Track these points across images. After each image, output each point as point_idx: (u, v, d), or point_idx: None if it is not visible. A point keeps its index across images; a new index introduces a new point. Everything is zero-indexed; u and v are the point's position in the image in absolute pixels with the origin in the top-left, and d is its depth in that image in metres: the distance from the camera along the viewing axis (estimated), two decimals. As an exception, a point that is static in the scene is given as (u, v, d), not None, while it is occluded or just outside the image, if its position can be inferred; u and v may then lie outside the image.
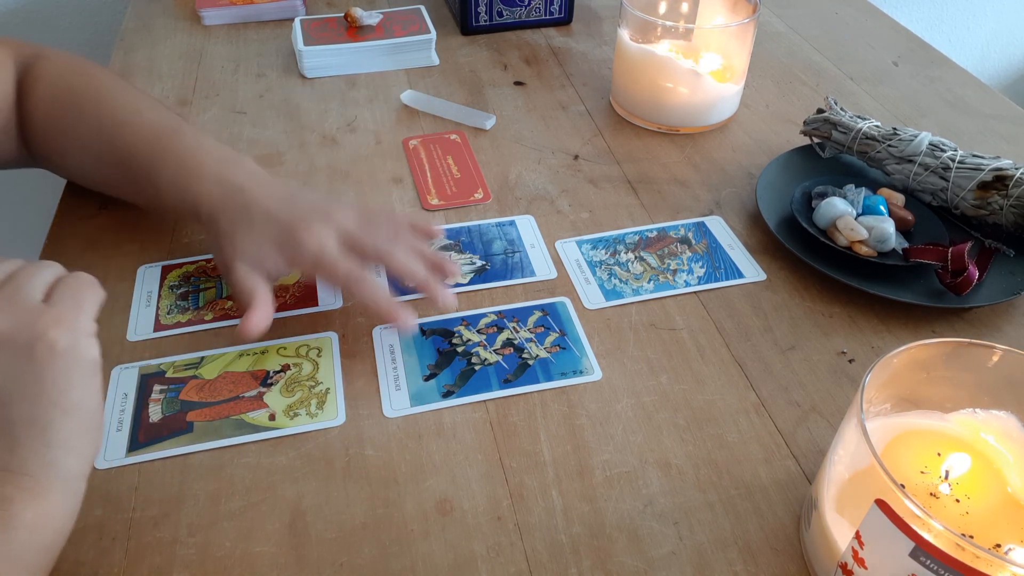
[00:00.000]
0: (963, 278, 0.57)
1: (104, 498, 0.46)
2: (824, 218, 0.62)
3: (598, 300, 0.59)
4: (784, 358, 0.55)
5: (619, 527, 0.45)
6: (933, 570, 0.34)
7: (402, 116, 0.79)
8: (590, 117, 0.80)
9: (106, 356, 0.54)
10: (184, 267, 0.61)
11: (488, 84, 0.85)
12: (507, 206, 0.68)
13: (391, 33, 0.87)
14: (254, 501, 0.46)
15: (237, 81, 0.84)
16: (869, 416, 0.42)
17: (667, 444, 0.49)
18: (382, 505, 0.46)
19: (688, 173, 0.72)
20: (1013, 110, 0.82)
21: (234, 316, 0.57)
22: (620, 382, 0.53)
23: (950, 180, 0.63)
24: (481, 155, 0.74)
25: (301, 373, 0.53)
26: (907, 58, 0.91)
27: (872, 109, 0.82)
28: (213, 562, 0.43)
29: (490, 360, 0.54)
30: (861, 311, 0.58)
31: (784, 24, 0.98)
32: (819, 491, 0.41)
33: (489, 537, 0.44)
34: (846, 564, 0.38)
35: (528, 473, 0.48)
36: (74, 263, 0.61)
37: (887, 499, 0.35)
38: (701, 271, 0.62)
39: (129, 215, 0.66)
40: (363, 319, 0.57)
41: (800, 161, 0.70)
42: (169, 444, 0.49)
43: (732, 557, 0.44)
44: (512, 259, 0.62)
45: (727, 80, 0.76)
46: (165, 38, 0.91)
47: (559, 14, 0.95)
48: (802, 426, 0.51)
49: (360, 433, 0.50)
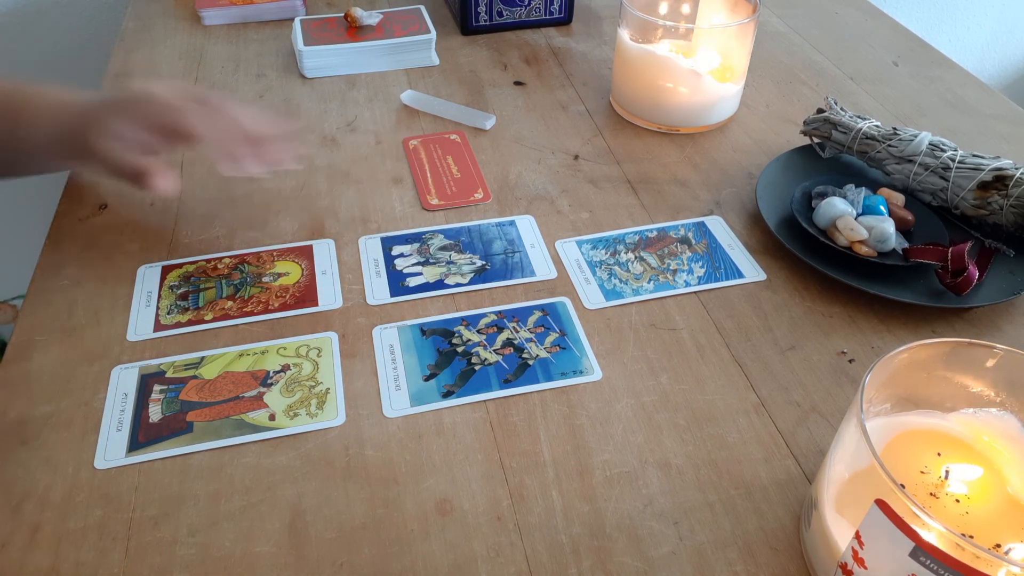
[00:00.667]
0: (963, 278, 0.57)
1: (104, 498, 0.46)
2: (824, 218, 0.62)
3: (598, 300, 0.59)
4: (784, 358, 0.55)
5: (619, 527, 0.45)
6: (933, 570, 0.34)
7: (402, 116, 0.79)
8: (590, 117, 0.80)
9: (106, 356, 0.54)
10: (184, 267, 0.61)
11: (488, 84, 0.85)
12: (507, 206, 0.68)
13: (391, 33, 0.87)
14: (254, 501, 0.46)
15: (237, 81, 0.84)
16: (869, 416, 0.42)
17: (667, 444, 0.49)
18: (382, 505, 0.46)
19: (688, 173, 0.72)
20: (1013, 110, 0.82)
21: (234, 316, 0.57)
22: (620, 382, 0.53)
23: (950, 180, 0.63)
24: (481, 155, 0.74)
25: (301, 373, 0.53)
26: (907, 58, 0.91)
27: (872, 109, 0.82)
28: (213, 562, 0.43)
29: (490, 360, 0.54)
30: (861, 311, 0.58)
31: (784, 24, 0.98)
32: (819, 491, 0.41)
33: (489, 537, 0.44)
34: (846, 564, 0.38)
35: (528, 473, 0.48)
36: (74, 263, 0.61)
37: (887, 499, 0.35)
38: (701, 271, 0.62)
39: (129, 215, 0.66)
40: (363, 319, 0.57)
41: (800, 161, 0.70)
42: (169, 444, 0.49)
43: (732, 557, 0.44)
44: (512, 259, 0.62)
45: (727, 80, 0.76)
46: (165, 38, 0.91)
47: (559, 14, 0.95)
48: (802, 426, 0.51)
49: (360, 433, 0.50)
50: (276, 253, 0.63)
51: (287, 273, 0.61)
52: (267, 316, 0.57)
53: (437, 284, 0.60)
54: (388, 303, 0.59)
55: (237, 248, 0.63)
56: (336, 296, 0.59)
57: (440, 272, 0.61)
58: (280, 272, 0.61)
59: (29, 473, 0.47)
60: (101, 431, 0.49)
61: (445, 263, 0.62)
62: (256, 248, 0.63)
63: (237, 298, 0.59)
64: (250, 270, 0.61)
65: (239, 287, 0.59)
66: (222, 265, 0.61)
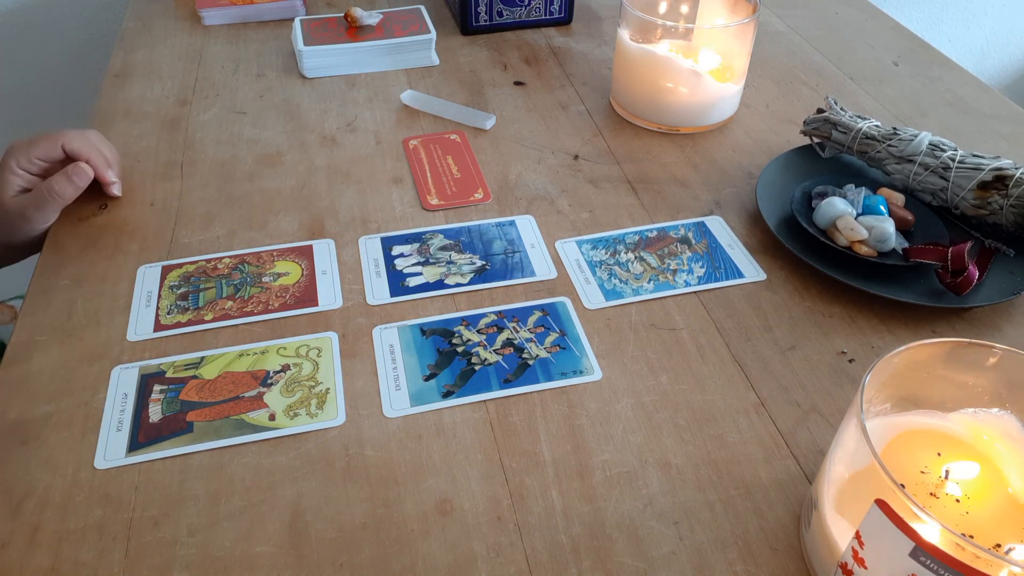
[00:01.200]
0: (963, 278, 0.57)
1: (104, 498, 0.46)
2: (824, 218, 0.62)
3: (598, 300, 0.59)
4: (784, 358, 0.55)
5: (619, 527, 0.45)
6: (933, 570, 0.34)
7: (402, 116, 0.79)
8: (590, 117, 0.80)
9: (106, 356, 0.54)
10: (184, 267, 0.61)
11: (488, 84, 0.85)
12: (507, 206, 0.68)
13: (391, 33, 0.87)
14: (254, 501, 0.46)
15: (237, 81, 0.84)
16: (869, 416, 0.42)
17: (667, 444, 0.49)
18: (382, 505, 0.46)
19: (688, 173, 0.72)
20: (1013, 110, 0.82)
21: (234, 316, 0.57)
22: (620, 382, 0.53)
23: (950, 180, 0.63)
24: (481, 155, 0.74)
25: (301, 373, 0.53)
26: (907, 58, 0.91)
27: (872, 109, 0.82)
28: (213, 562, 0.43)
29: (490, 360, 0.54)
30: (861, 311, 0.58)
31: (784, 24, 0.98)
32: (819, 491, 0.41)
33: (489, 537, 0.44)
34: (846, 564, 0.38)
35: (528, 473, 0.48)
36: (74, 263, 0.61)
37: (887, 499, 0.35)
38: (701, 271, 0.62)
39: (129, 215, 0.66)
40: (363, 319, 0.57)
41: (800, 161, 0.70)
42: (169, 444, 0.49)
43: (732, 557, 0.44)
44: (512, 259, 0.62)
45: (727, 80, 0.76)
46: (165, 38, 0.91)
47: (559, 14, 0.95)
48: (802, 426, 0.51)
49: (360, 433, 0.50)
50: (276, 253, 0.63)
51: (287, 273, 0.61)
52: (267, 316, 0.57)
53: (437, 284, 0.60)
54: (388, 303, 0.59)
55: (237, 248, 0.63)
56: (336, 296, 0.59)
57: (440, 272, 0.61)
58: (280, 272, 0.61)
59: (29, 473, 0.47)
60: (101, 431, 0.49)
61: (445, 263, 0.62)
62: (256, 248, 0.63)
63: (237, 298, 0.59)
64: (250, 270, 0.61)
65: (239, 287, 0.59)
66: (222, 265, 0.61)
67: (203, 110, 0.79)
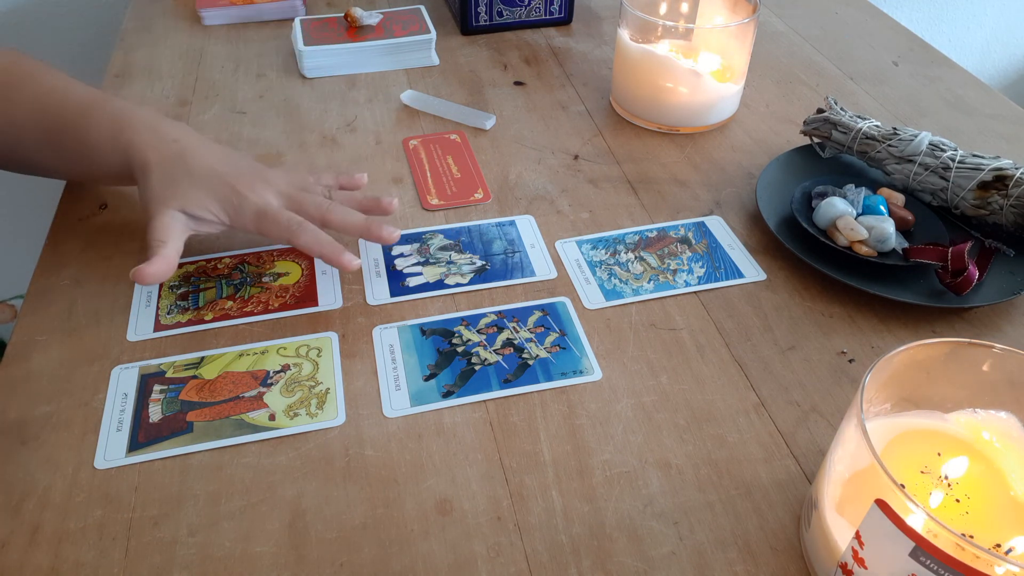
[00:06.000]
0: (963, 278, 0.57)
1: (104, 498, 0.46)
2: (824, 218, 0.62)
3: (598, 300, 0.59)
4: (784, 358, 0.55)
5: (619, 527, 0.45)
6: (933, 570, 0.34)
7: (402, 116, 0.79)
8: (590, 117, 0.80)
9: (106, 356, 0.54)
10: (184, 267, 0.61)
11: (488, 84, 0.85)
12: (507, 206, 0.68)
13: (391, 33, 0.87)
14: (254, 501, 0.46)
15: (237, 81, 0.84)
16: (869, 416, 0.42)
17: (667, 444, 0.49)
18: (382, 505, 0.46)
19: (688, 173, 0.72)
20: (1013, 110, 0.82)
21: (234, 316, 0.57)
22: (620, 382, 0.53)
23: (950, 180, 0.63)
24: (481, 155, 0.74)
25: (301, 373, 0.53)
26: (907, 58, 0.91)
27: (872, 109, 0.82)
28: (213, 562, 0.43)
29: (490, 360, 0.54)
30: (861, 311, 0.58)
31: (784, 24, 0.98)
32: (819, 491, 0.41)
33: (489, 537, 0.44)
34: (846, 564, 0.38)
35: (528, 473, 0.48)
36: (74, 263, 0.61)
37: (887, 499, 0.35)
38: (701, 271, 0.62)
39: (129, 215, 0.66)
40: (363, 319, 0.57)
41: (800, 161, 0.70)
42: (169, 444, 0.49)
43: (732, 557, 0.44)
44: (512, 259, 0.62)
45: (727, 80, 0.76)
46: (165, 38, 0.91)
47: (559, 14, 0.95)
48: (802, 426, 0.51)
49: (360, 433, 0.50)
50: (276, 253, 0.63)
51: (287, 273, 0.61)
52: (267, 316, 0.57)
53: (437, 284, 0.60)
54: (388, 303, 0.59)
55: (237, 248, 0.63)
56: (336, 296, 0.59)
57: (440, 272, 0.61)
58: (280, 272, 0.61)
59: (29, 473, 0.47)
60: (101, 431, 0.49)
61: (445, 263, 0.62)
62: (256, 248, 0.63)
63: (237, 298, 0.59)
64: (250, 270, 0.61)
65: (239, 287, 0.59)
66: (222, 265, 0.61)
67: (203, 110, 0.79)
